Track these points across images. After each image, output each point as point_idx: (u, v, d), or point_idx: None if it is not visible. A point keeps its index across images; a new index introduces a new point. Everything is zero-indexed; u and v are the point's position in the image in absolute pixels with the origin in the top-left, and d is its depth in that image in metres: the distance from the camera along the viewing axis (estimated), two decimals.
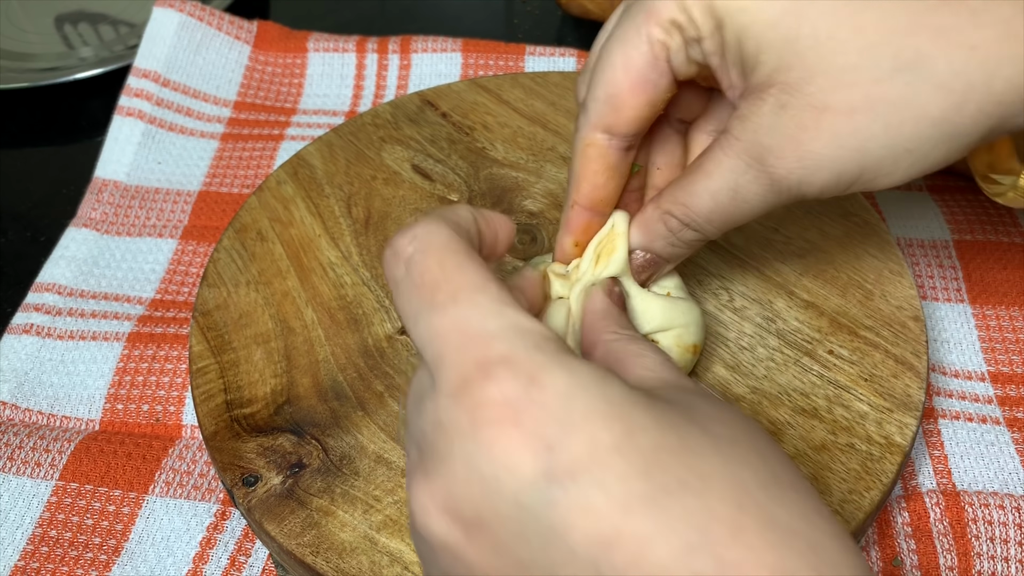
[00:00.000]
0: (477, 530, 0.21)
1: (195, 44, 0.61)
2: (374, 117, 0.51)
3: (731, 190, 0.31)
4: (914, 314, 0.40)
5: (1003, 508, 0.39)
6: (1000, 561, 0.38)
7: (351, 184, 0.47)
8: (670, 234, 0.33)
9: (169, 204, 0.55)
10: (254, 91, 0.62)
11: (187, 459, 0.42)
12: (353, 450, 0.36)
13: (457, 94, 0.52)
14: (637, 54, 0.31)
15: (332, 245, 0.44)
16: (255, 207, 0.46)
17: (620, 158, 0.33)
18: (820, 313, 0.40)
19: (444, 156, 0.49)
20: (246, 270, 0.43)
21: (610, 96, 0.32)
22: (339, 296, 0.42)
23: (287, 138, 0.58)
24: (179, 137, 0.58)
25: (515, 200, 0.46)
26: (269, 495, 0.34)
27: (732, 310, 0.40)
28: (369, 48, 0.62)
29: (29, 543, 0.40)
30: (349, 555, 0.33)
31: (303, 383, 0.38)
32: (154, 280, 0.51)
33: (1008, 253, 0.50)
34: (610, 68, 0.31)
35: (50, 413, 0.45)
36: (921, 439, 0.43)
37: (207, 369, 0.39)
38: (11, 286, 0.52)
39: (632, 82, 0.31)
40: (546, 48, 0.62)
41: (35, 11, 0.71)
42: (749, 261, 0.42)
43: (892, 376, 0.38)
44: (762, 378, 0.38)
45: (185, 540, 0.40)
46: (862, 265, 0.42)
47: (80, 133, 0.63)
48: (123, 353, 0.46)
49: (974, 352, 0.47)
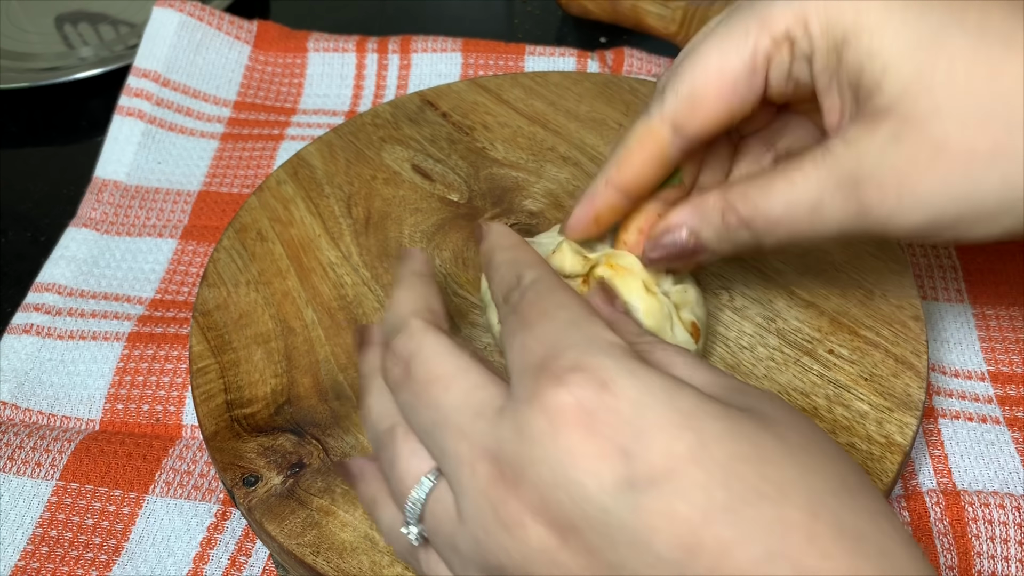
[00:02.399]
0: (571, 535, 0.22)
1: (195, 44, 0.61)
2: (374, 117, 0.51)
3: (811, 204, 0.29)
4: (914, 313, 0.40)
5: (1003, 507, 0.39)
6: (1000, 561, 0.38)
7: (351, 184, 0.47)
8: (724, 228, 0.31)
9: (169, 204, 0.55)
10: (254, 91, 0.62)
11: (187, 459, 0.42)
12: (354, 450, 0.36)
13: (457, 94, 0.52)
14: (738, 60, 0.30)
15: (332, 245, 0.44)
16: (255, 207, 0.46)
17: (674, 158, 0.32)
18: (820, 312, 0.40)
19: (444, 156, 0.49)
20: (246, 270, 0.43)
21: (693, 94, 0.30)
22: (339, 296, 0.42)
23: (287, 138, 0.58)
24: (179, 137, 0.58)
25: (515, 200, 0.46)
26: (269, 495, 0.34)
27: (732, 309, 0.40)
28: (369, 48, 0.62)
29: (29, 543, 0.40)
30: (350, 555, 0.33)
31: (303, 383, 0.38)
32: (154, 280, 0.51)
33: (1008, 253, 0.50)
34: (703, 67, 0.30)
35: (50, 413, 0.45)
36: (921, 439, 0.43)
37: (207, 369, 0.39)
38: (11, 286, 0.52)
39: (721, 86, 0.30)
40: (546, 48, 0.62)
41: (35, 11, 0.71)
42: (749, 260, 0.42)
43: (892, 375, 0.38)
44: (762, 378, 0.38)
45: (185, 540, 0.40)
46: (862, 265, 0.42)
47: (80, 133, 0.63)
48: (123, 353, 0.46)
49: (974, 352, 0.47)
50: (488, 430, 0.23)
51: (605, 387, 0.22)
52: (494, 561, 0.23)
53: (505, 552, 0.23)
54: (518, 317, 0.26)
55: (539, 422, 0.22)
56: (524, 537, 0.22)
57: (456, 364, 0.26)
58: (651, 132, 0.32)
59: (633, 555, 0.21)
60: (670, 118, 0.31)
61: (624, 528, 0.21)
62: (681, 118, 0.31)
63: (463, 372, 0.25)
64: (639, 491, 0.21)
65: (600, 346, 0.23)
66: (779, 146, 0.35)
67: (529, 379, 0.23)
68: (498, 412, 0.24)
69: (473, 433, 0.24)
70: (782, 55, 0.30)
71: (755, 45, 0.29)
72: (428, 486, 0.26)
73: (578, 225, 0.34)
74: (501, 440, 0.23)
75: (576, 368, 0.22)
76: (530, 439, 0.22)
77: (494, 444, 0.23)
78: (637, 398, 0.22)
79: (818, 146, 0.30)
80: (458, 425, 0.24)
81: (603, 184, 0.33)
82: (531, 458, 0.22)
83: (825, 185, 0.29)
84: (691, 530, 0.20)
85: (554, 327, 0.24)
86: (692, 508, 0.21)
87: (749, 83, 0.30)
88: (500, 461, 0.23)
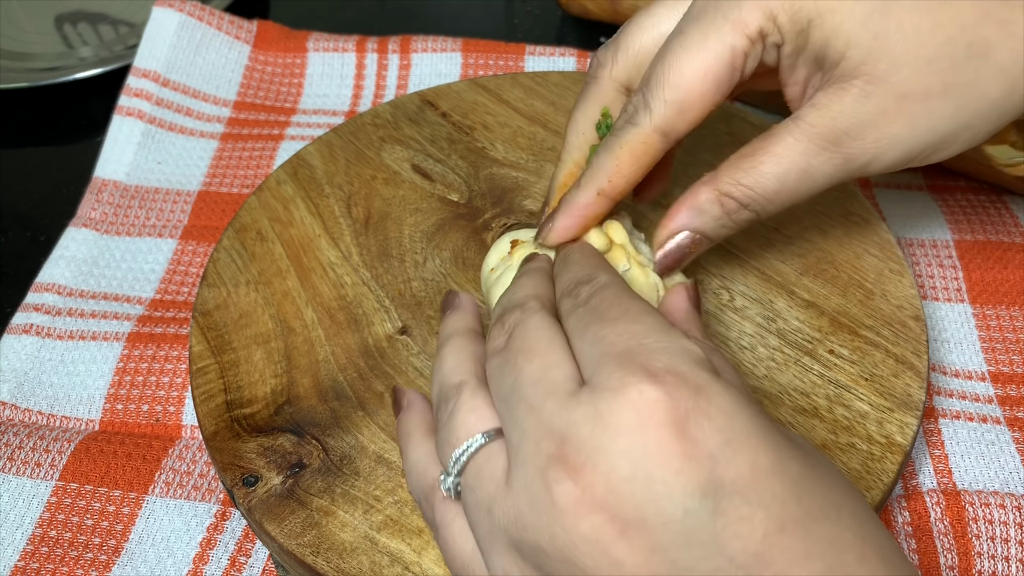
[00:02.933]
0: (636, 530, 0.22)
1: (195, 44, 0.61)
2: (374, 117, 0.51)
3: (801, 171, 0.33)
4: (914, 314, 0.40)
5: (1003, 507, 0.39)
6: (1000, 560, 0.38)
7: (351, 184, 0.47)
8: (725, 215, 0.34)
9: (169, 204, 0.55)
10: (254, 91, 0.62)
11: (187, 459, 0.42)
12: (353, 450, 0.36)
13: (457, 94, 0.52)
14: (718, 63, 0.32)
15: (332, 245, 0.44)
16: (255, 207, 0.46)
17: (660, 158, 0.34)
18: (820, 313, 0.40)
19: (444, 156, 0.49)
20: (246, 270, 0.43)
21: (682, 102, 0.32)
22: (339, 296, 0.42)
23: (287, 138, 0.58)
24: (179, 137, 0.58)
25: (515, 200, 0.46)
26: (269, 495, 0.34)
27: (733, 310, 0.40)
28: (369, 48, 0.62)
29: (29, 543, 0.40)
30: (349, 555, 0.33)
31: (303, 383, 0.38)
32: (154, 280, 0.51)
33: (1008, 253, 0.50)
34: (689, 75, 0.32)
35: (50, 413, 0.45)
36: (921, 439, 0.43)
37: (207, 369, 0.39)
38: (11, 286, 0.52)
39: (706, 89, 0.32)
40: (546, 48, 0.62)
41: (35, 11, 0.71)
42: (749, 261, 0.42)
43: (892, 376, 0.38)
44: (763, 378, 0.38)
45: (185, 540, 0.40)
46: (862, 265, 0.42)
47: (80, 133, 0.63)
48: (123, 353, 0.46)
49: (974, 352, 0.47)
50: (557, 411, 0.24)
51: (700, 393, 0.23)
52: (531, 539, 0.24)
53: (549, 533, 0.23)
54: (591, 310, 0.27)
55: (625, 414, 0.23)
56: (575, 523, 0.23)
57: (548, 340, 0.26)
58: (643, 142, 0.33)
59: (704, 557, 0.22)
60: (662, 127, 0.33)
61: (702, 530, 0.22)
62: (671, 125, 0.33)
63: (550, 349, 0.26)
64: (723, 496, 0.22)
65: (692, 355, 0.24)
66: None
67: (613, 369, 0.24)
68: (570, 395, 0.24)
69: (542, 409, 0.24)
70: (756, 50, 0.32)
71: (733, 46, 0.32)
72: (481, 441, 0.26)
73: (567, 233, 0.35)
74: (572, 423, 0.23)
75: (671, 371, 0.23)
76: (611, 429, 0.23)
77: (563, 426, 0.24)
78: (729, 409, 0.23)
79: (789, 120, 0.33)
80: (530, 398, 0.25)
81: (594, 195, 0.34)
82: (607, 448, 0.22)
83: (809, 149, 0.32)
84: (765, 538, 0.22)
85: (640, 328, 0.25)
86: (770, 518, 0.22)
87: (730, 79, 0.32)
88: (567, 443, 0.23)
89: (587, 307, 0.27)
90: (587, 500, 0.22)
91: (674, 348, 0.24)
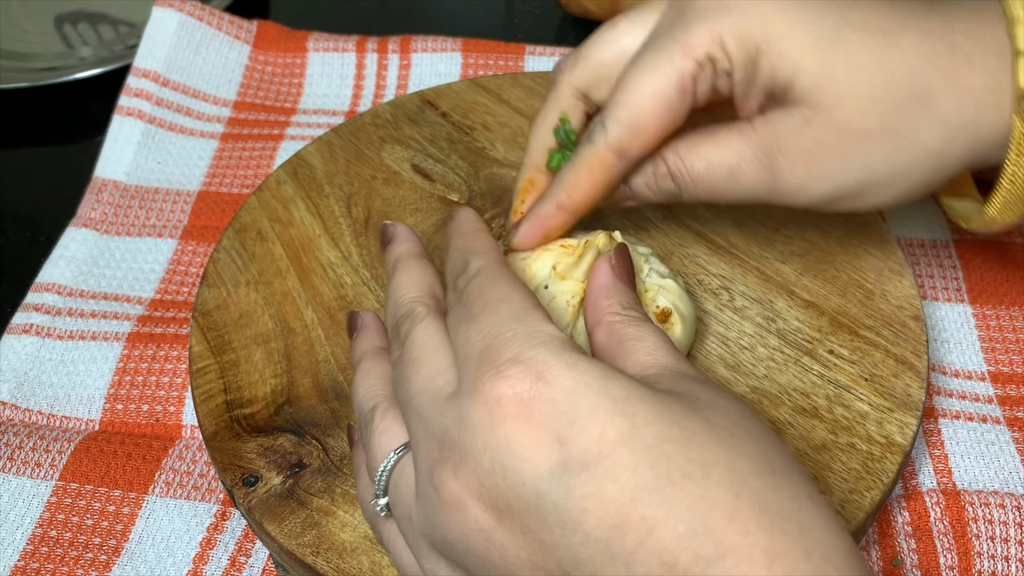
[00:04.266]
0: (507, 516, 0.23)
1: (195, 44, 0.61)
2: (374, 117, 0.51)
3: (730, 167, 0.34)
4: (914, 314, 0.40)
5: (1003, 507, 0.39)
6: (1000, 560, 0.38)
7: (351, 184, 0.47)
8: (652, 176, 0.35)
9: (169, 204, 0.55)
10: (254, 91, 0.62)
11: (187, 459, 0.42)
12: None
13: (457, 94, 0.52)
14: (668, 85, 0.33)
15: (332, 245, 0.44)
16: (255, 207, 0.46)
17: (620, 178, 0.35)
18: (820, 313, 0.40)
19: (444, 156, 0.49)
20: (246, 270, 0.43)
21: (634, 122, 0.33)
22: (339, 296, 0.42)
23: (287, 138, 0.58)
24: (179, 137, 0.58)
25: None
26: (269, 495, 0.34)
27: (732, 310, 0.40)
28: (369, 48, 0.62)
29: (29, 543, 0.40)
30: (349, 555, 0.33)
31: (303, 383, 0.38)
32: (154, 280, 0.51)
33: (1008, 253, 0.50)
34: (639, 97, 0.33)
35: (50, 413, 0.45)
36: (921, 438, 0.43)
37: (207, 369, 0.39)
38: (11, 286, 0.52)
39: (656, 111, 0.33)
40: (546, 48, 0.62)
41: (35, 11, 0.71)
42: (749, 261, 0.42)
43: (892, 376, 0.38)
44: (762, 378, 0.38)
45: (185, 540, 0.40)
46: (862, 265, 0.42)
47: (80, 133, 0.63)
48: (123, 353, 0.46)
49: (974, 352, 0.47)
50: (436, 416, 0.25)
51: (541, 378, 0.23)
52: (439, 536, 0.25)
53: (448, 529, 0.25)
54: (463, 307, 0.27)
55: (479, 413, 0.24)
56: (463, 517, 0.24)
57: (433, 348, 0.27)
58: (599, 160, 0.34)
59: (564, 535, 0.22)
60: (615, 146, 0.34)
61: (556, 510, 0.22)
62: (624, 144, 0.34)
63: (435, 356, 0.27)
64: (571, 475, 0.22)
65: (540, 339, 0.25)
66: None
67: (471, 371, 0.25)
68: (447, 400, 0.25)
69: (427, 417, 0.26)
70: (705, 73, 0.33)
71: (681, 69, 0.33)
72: (393, 459, 0.28)
73: (528, 242, 0.37)
74: (446, 427, 0.25)
75: (515, 361, 0.24)
76: (471, 429, 0.24)
77: (440, 430, 0.25)
78: (572, 388, 0.23)
79: (743, 121, 0.34)
80: (419, 407, 0.26)
81: (554, 208, 0.36)
82: (471, 447, 0.24)
83: (744, 152, 0.33)
84: (618, 508, 0.22)
85: (495, 320, 0.26)
86: (620, 488, 0.22)
87: (681, 102, 0.33)
88: (444, 446, 0.25)
89: (461, 302, 0.28)
90: (466, 495, 0.24)
91: (521, 336, 0.25)
